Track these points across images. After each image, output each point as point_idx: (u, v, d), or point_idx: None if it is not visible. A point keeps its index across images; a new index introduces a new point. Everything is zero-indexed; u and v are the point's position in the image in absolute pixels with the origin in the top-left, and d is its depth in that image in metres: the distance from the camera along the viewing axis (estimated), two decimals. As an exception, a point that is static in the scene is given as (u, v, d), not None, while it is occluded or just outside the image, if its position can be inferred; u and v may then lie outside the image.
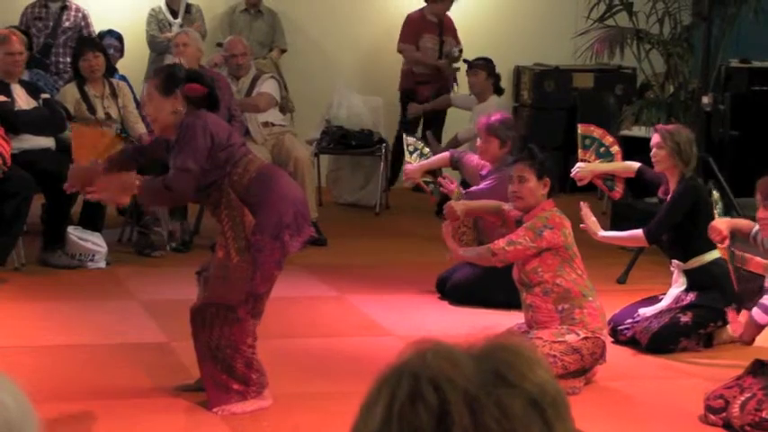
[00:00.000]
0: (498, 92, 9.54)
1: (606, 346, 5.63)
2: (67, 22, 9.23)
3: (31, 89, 7.85)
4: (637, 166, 6.66)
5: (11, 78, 7.73)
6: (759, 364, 5.13)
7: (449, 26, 10.39)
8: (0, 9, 9.74)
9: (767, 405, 4.91)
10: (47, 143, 7.78)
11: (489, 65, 9.52)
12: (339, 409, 4.64)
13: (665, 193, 6.37)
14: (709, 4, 8.26)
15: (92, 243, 7.68)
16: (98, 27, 9.39)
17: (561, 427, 1.20)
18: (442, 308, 6.95)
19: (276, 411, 5.04)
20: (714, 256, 6.21)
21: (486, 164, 7.20)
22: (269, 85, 8.76)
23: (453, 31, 10.40)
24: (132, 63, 9.46)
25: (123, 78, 8.72)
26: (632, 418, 5.24)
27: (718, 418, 5.02)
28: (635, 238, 6.38)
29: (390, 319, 6.61)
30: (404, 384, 1.19)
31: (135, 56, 9.61)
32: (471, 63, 9.71)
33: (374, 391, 1.22)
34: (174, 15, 9.84)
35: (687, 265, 6.24)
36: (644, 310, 6.29)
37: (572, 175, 6.77)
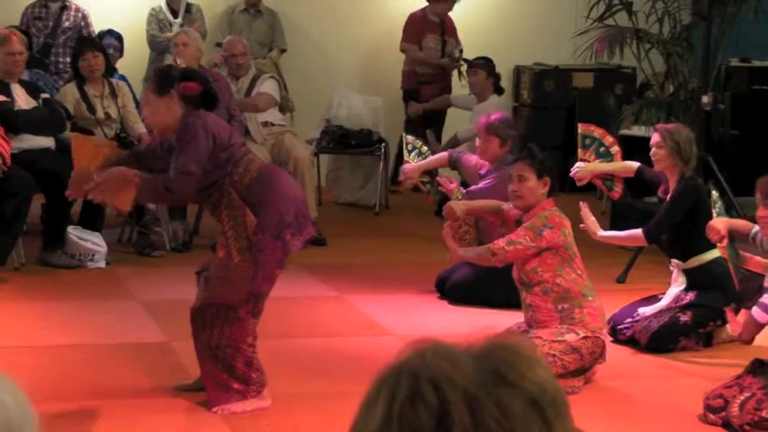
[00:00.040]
0: (498, 91, 9.54)
1: (606, 346, 5.63)
2: (67, 22, 9.23)
3: (31, 89, 7.85)
4: (636, 165, 6.66)
5: (11, 78, 7.72)
6: (758, 363, 5.13)
7: (450, 26, 10.39)
8: (1, 9, 9.75)
9: (766, 404, 4.91)
10: (47, 143, 7.78)
11: (489, 64, 9.53)
12: (339, 409, 4.64)
13: (664, 193, 6.36)
14: (709, 3, 8.25)
15: (91, 243, 7.68)
16: (98, 27, 9.39)
17: (561, 427, 1.20)
18: (442, 307, 6.95)
19: (276, 411, 5.04)
20: (713, 255, 6.21)
21: (485, 163, 7.20)
22: (268, 85, 8.76)
23: (454, 31, 10.40)
24: (132, 63, 9.47)
25: (123, 78, 8.72)
26: (632, 417, 5.24)
27: (718, 417, 5.02)
28: (634, 238, 6.37)
29: (390, 318, 6.61)
30: (403, 384, 1.19)
31: (135, 56, 9.61)
32: (471, 63, 9.71)
33: (374, 390, 1.21)
34: (175, 15, 9.84)
35: (686, 264, 6.24)
36: (643, 310, 6.29)
37: (571, 174, 6.76)
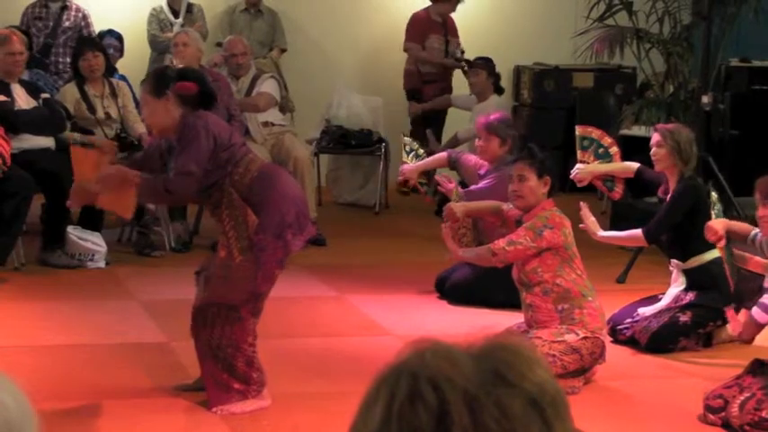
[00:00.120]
0: (498, 91, 9.54)
1: (605, 346, 5.63)
2: (67, 22, 9.23)
3: (31, 89, 7.85)
4: (636, 166, 6.65)
5: (11, 78, 7.72)
6: (758, 363, 5.12)
7: (452, 27, 10.39)
8: (0, 9, 9.75)
9: (766, 405, 4.91)
10: (46, 143, 7.78)
11: (489, 64, 9.53)
12: (339, 409, 4.64)
13: (664, 193, 6.36)
14: (709, 3, 8.25)
15: (91, 243, 7.68)
16: (98, 27, 9.38)
17: (560, 427, 1.20)
18: (442, 307, 6.95)
19: (276, 411, 5.04)
20: (713, 255, 6.20)
21: (484, 163, 7.19)
22: (269, 85, 8.76)
23: (456, 31, 10.40)
24: (132, 63, 9.46)
25: (123, 78, 8.73)
26: (631, 417, 5.24)
27: (718, 417, 5.02)
28: (634, 238, 6.37)
29: (390, 318, 6.61)
30: (403, 384, 1.19)
31: (135, 56, 9.61)
32: (471, 63, 9.71)
33: (373, 390, 1.21)
34: (176, 15, 9.83)
35: (686, 264, 6.24)
36: (643, 310, 6.29)
37: (571, 176, 6.75)
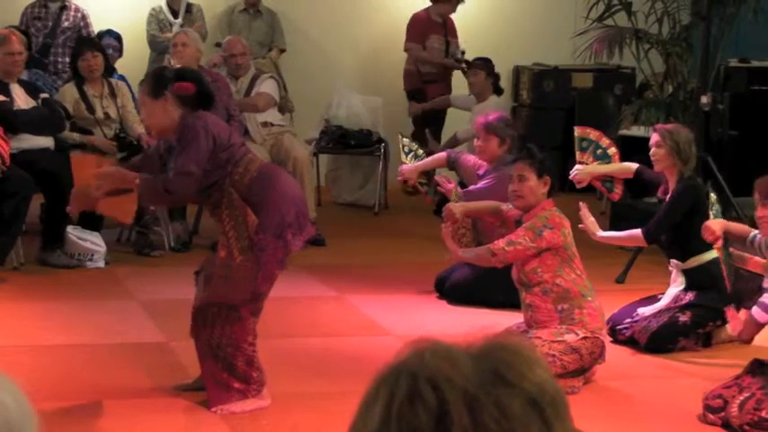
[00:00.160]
0: (498, 92, 9.54)
1: (605, 346, 5.63)
2: (66, 22, 9.23)
3: (30, 89, 7.85)
4: (635, 167, 6.65)
5: (10, 78, 7.72)
6: (758, 363, 5.12)
7: (452, 27, 10.39)
8: (0, 9, 9.75)
9: (766, 404, 4.91)
10: (46, 143, 7.78)
11: (488, 64, 9.52)
12: (338, 409, 4.64)
13: (664, 193, 6.36)
14: (708, 3, 8.25)
15: (91, 243, 7.67)
16: (97, 27, 9.38)
17: (560, 427, 1.20)
18: (441, 307, 6.95)
19: (275, 411, 5.04)
20: (713, 255, 6.21)
21: (483, 163, 7.19)
22: (268, 85, 8.76)
23: (455, 31, 10.40)
24: (131, 63, 9.46)
25: (122, 78, 8.73)
26: (631, 417, 5.23)
27: (717, 417, 5.02)
28: (634, 238, 6.37)
29: (389, 318, 6.61)
30: (402, 384, 1.18)
31: (134, 56, 9.61)
32: (470, 63, 9.71)
33: (372, 390, 1.21)
34: (175, 15, 9.83)
35: (686, 264, 6.24)
36: (643, 310, 6.29)
37: (570, 177, 6.75)
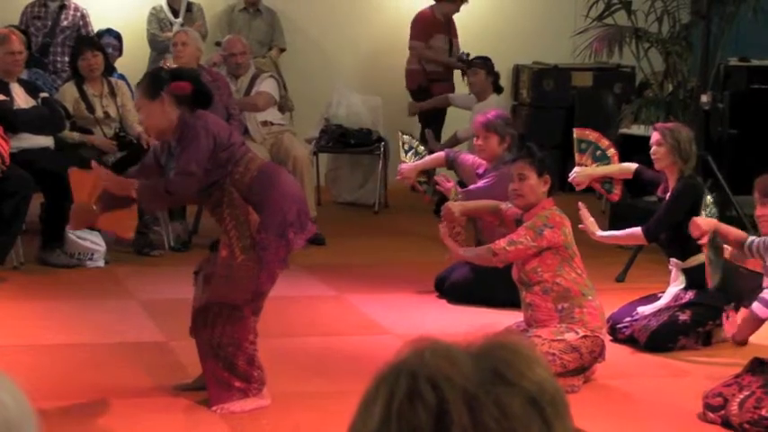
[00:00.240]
0: (498, 90, 9.53)
1: (605, 345, 5.63)
2: (66, 22, 9.23)
3: (30, 88, 7.85)
4: (634, 167, 6.65)
5: (10, 77, 7.72)
6: (758, 362, 5.13)
7: (453, 27, 10.40)
8: (0, 8, 9.75)
9: (766, 403, 4.91)
10: (46, 142, 7.78)
11: (488, 63, 9.52)
12: (338, 408, 4.63)
13: (664, 192, 6.36)
14: (708, 2, 8.25)
15: (90, 242, 7.67)
16: (97, 26, 9.39)
17: (560, 426, 1.20)
18: (441, 307, 6.95)
19: (275, 410, 5.04)
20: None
21: (483, 163, 7.18)
22: (268, 84, 8.76)
23: (456, 32, 10.41)
24: (131, 62, 9.45)
25: (122, 77, 8.73)
26: (631, 416, 5.23)
27: (717, 416, 5.02)
28: (634, 237, 6.37)
29: (389, 318, 6.61)
30: (402, 383, 1.18)
31: (134, 55, 9.60)
32: (470, 62, 9.71)
33: (372, 390, 1.21)
34: (175, 14, 9.83)
35: (686, 263, 6.24)
36: (643, 309, 6.29)
37: (569, 179, 6.75)
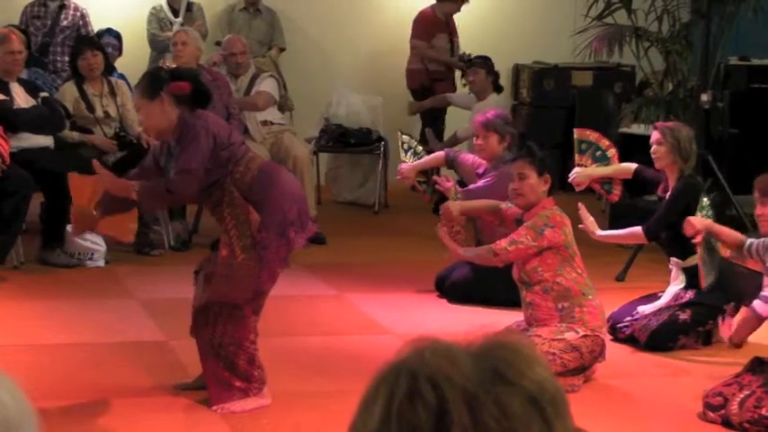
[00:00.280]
0: (498, 90, 9.53)
1: (605, 344, 5.63)
2: (65, 21, 9.23)
3: (30, 88, 7.85)
4: (634, 167, 6.65)
5: (10, 77, 7.72)
6: (758, 361, 5.13)
7: (453, 27, 10.40)
8: (0, 8, 9.75)
9: (766, 402, 4.91)
10: (46, 142, 7.78)
11: (488, 63, 9.52)
12: (338, 408, 4.64)
13: (664, 191, 6.36)
14: (708, 1, 8.25)
15: (91, 242, 7.67)
16: (97, 26, 9.39)
17: (560, 425, 1.20)
18: (441, 306, 6.95)
19: (276, 410, 5.04)
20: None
21: (483, 162, 7.18)
22: (268, 84, 8.76)
23: (456, 31, 10.41)
24: (131, 62, 9.44)
25: (122, 77, 8.72)
26: (631, 415, 5.23)
27: (717, 415, 5.02)
28: (634, 236, 6.37)
29: (389, 317, 6.61)
30: (402, 383, 1.18)
31: (134, 55, 9.60)
32: (470, 61, 9.71)
33: (372, 389, 1.21)
34: (176, 14, 9.83)
35: (686, 262, 6.23)
36: (643, 308, 6.29)
37: (569, 180, 6.76)
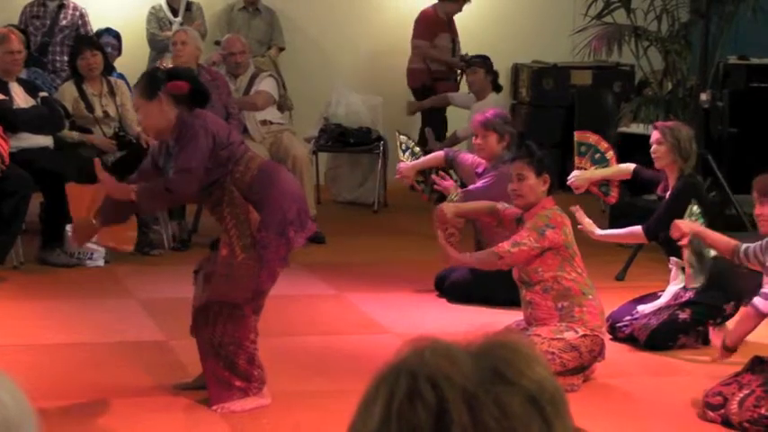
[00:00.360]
0: (497, 89, 9.53)
1: (605, 344, 5.63)
2: (64, 21, 9.23)
3: (30, 87, 7.85)
4: (632, 167, 6.65)
5: (9, 77, 7.72)
6: (758, 361, 5.13)
7: (453, 27, 10.41)
8: (-1, 8, 9.76)
9: (765, 402, 4.91)
10: (45, 142, 7.78)
11: (487, 62, 9.52)
12: (338, 407, 4.63)
13: (663, 191, 6.37)
14: (707, 1, 8.26)
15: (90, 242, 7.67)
16: (96, 25, 9.38)
17: (560, 425, 1.20)
18: (441, 306, 6.95)
19: (276, 409, 5.04)
20: (713, 253, 6.20)
21: (482, 162, 7.17)
22: (267, 84, 8.76)
23: (456, 31, 10.42)
24: (131, 62, 9.44)
25: (121, 77, 8.72)
26: (631, 415, 5.24)
27: (717, 414, 5.02)
28: (634, 235, 6.38)
29: (389, 316, 6.61)
30: (402, 383, 1.18)
31: (133, 54, 9.60)
32: (469, 61, 9.71)
33: (372, 389, 1.21)
34: (175, 14, 9.83)
35: (685, 262, 6.24)
36: (642, 308, 6.29)
37: (568, 183, 6.77)
